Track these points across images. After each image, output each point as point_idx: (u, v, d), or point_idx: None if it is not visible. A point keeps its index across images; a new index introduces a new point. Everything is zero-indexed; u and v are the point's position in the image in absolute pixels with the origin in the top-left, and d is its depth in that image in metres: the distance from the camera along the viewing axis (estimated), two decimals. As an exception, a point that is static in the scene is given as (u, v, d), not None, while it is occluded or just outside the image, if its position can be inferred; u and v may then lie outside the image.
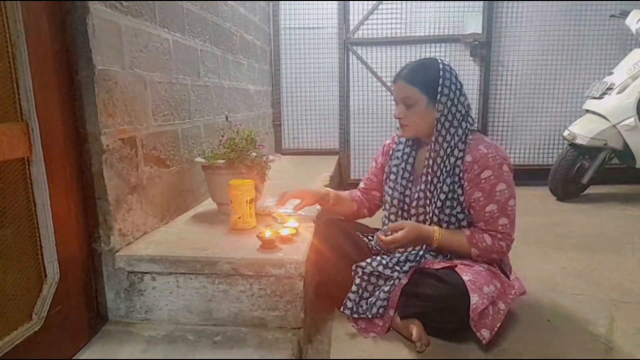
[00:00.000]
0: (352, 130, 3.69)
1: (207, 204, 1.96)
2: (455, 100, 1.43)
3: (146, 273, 1.32)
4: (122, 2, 1.34)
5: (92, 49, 1.19)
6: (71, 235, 1.19)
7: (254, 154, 1.69)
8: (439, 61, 1.45)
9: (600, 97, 3.01)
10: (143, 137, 1.48)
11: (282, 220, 1.66)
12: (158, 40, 1.58)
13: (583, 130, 3.00)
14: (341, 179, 3.64)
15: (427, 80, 1.43)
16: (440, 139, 1.44)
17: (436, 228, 1.45)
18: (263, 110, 3.29)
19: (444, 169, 1.44)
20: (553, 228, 2.58)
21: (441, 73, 1.42)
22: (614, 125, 2.93)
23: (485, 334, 1.27)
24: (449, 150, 1.43)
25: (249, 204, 1.58)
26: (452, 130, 1.43)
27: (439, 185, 1.45)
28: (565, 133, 3.10)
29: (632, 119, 2.90)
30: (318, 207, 1.89)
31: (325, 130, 3.74)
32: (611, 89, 2.97)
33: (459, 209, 1.45)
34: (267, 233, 1.41)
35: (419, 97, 1.43)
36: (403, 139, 1.61)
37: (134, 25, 1.41)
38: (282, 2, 3.52)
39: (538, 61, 3.49)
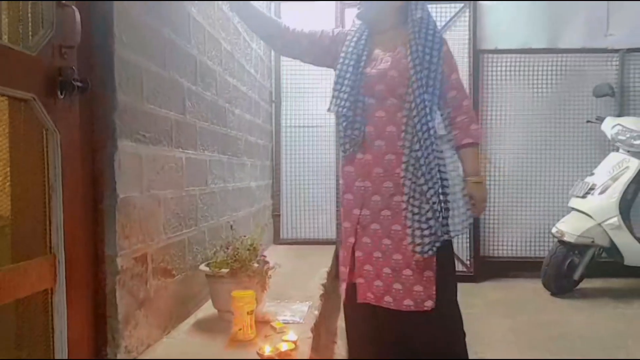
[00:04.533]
0: (348, 222, 3.81)
1: (207, 308, 2.00)
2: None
3: (149, 392, 1.35)
4: (145, 134, 1.50)
5: (117, 181, 1.33)
6: (82, 355, 1.25)
7: (256, 264, 1.79)
8: None
9: (584, 196, 3.18)
10: (154, 252, 1.58)
11: (280, 330, 1.71)
12: (173, 160, 1.73)
13: (570, 228, 3.13)
14: (337, 271, 3.69)
15: None
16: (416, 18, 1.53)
17: (470, 178, 1.60)
18: (263, 203, 3.43)
19: (424, 46, 1.49)
20: (548, 329, 2.61)
21: None
22: (599, 224, 3.07)
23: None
24: (429, 31, 1.52)
25: (250, 315, 1.64)
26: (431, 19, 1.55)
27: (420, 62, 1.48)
28: (554, 230, 3.23)
29: (615, 219, 3.04)
30: (316, 312, 1.95)
31: (323, 221, 3.86)
32: (593, 189, 3.15)
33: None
34: (267, 349, 1.46)
35: None
36: (356, 30, 1.62)
37: (153, 152, 1.57)
38: (284, 103, 3.80)
39: (524, 158, 3.71)
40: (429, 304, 1.50)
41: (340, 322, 2.68)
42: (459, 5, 3.67)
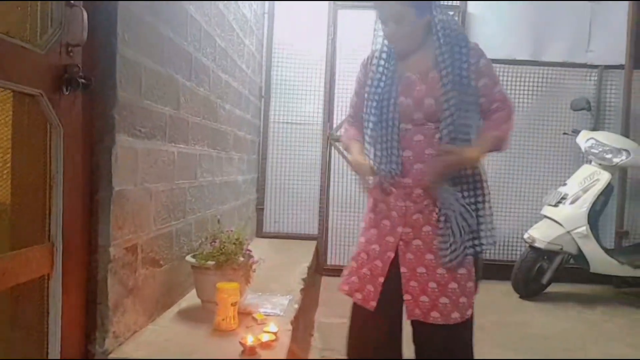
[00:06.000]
0: (330, 218, 3.91)
1: (191, 298, 2.07)
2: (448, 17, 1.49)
3: (135, 375, 1.42)
4: (141, 129, 1.56)
5: (113, 173, 1.39)
6: (74, 339, 1.31)
7: (242, 258, 1.86)
8: None
9: (555, 205, 3.33)
10: (144, 242, 1.64)
11: (261, 322, 1.79)
12: (165, 154, 1.79)
13: (541, 234, 3.28)
14: (318, 265, 3.79)
15: None
16: (442, 36, 1.46)
17: (474, 148, 1.48)
18: (248, 197, 3.49)
19: (453, 66, 1.45)
20: (515, 329, 2.75)
21: None
22: (569, 232, 3.23)
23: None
24: (455, 47, 1.46)
25: (233, 306, 1.72)
26: (454, 25, 1.49)
27: (449, 84, 1.44)
28: (525, 236, 3.38)
29: (584, 228, 3.20)
30: (296, 306, 2.03)
31: (305, 216, 3.94)
32: (565, 198, 3.31)
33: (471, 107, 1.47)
34: (249, 339, 1.54)
35: (409, 12, 1.44)
36: (380, 51, 1.56)
37: (147, 146, 1.62)
38: (273, 98, 3.86)
39: (501, 165, 3.85)
40: (469, 313, 1.51)
41: (318, 316, 2.79)
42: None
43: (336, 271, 3.72)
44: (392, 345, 1.59)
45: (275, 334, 1.67)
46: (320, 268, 3.82)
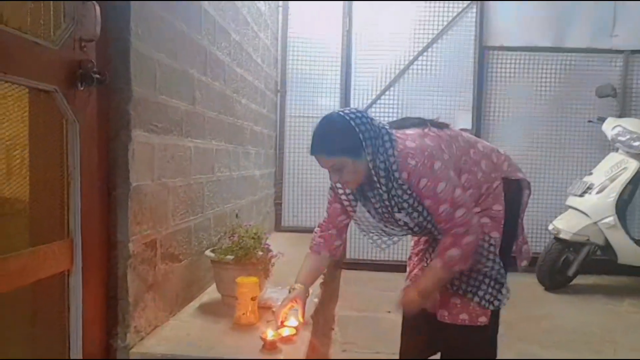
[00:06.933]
0: (349, 212, 3.87)
1: (211, 292, 2.07)
2: (379, 141, 1.43)
3: (157, 370, 1.43)
4: (157, 124, 1.55)
5: (130, 169, 1.38)
6: (95, 335, 1.32)
7: (260, 253, 1.85)
8: (347, 118, 1.43)
9: (581, 195, 3.23)
10: (162, 238, 1.64)
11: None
12: (182, 149, 1.79)
13: (566, 225, 3.19)
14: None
15: (349, 145, 1.41)
16: (381, 180, 1.45)
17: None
18: (266, 191, 3.49)
19: (393, 202, 1.48)
20: (539, 322, 2.69)
21: (357, 130, 1.41)
22: (595, 223, 3.13)
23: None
24: (389, 185, 1.45)
25: (253, 301, 1.71)
26: (382, 166, 1.43)
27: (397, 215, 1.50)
28: (550, 227, 3.29)
29: (611, 218, 3.11)
30: (315, 300, 2.02)
31: (323, 210, 3.90)
32: (591, 188, 3.21)
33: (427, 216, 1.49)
34: (269, 334, 1.53)
35: (346, 161, 1.43)
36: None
37: (164, 141, 1.62)
38: (289, 93, 3.84)
39: (524, 155, 3.75)
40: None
41: (338, 310, 2.78)
42: (466, 2, 3.68)
43: (355, 265, 3.71)
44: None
45: (295, 328, 1.66)
46: (339, 262, 3.80)
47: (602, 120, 3.41)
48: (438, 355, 1.71)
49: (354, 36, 3.77)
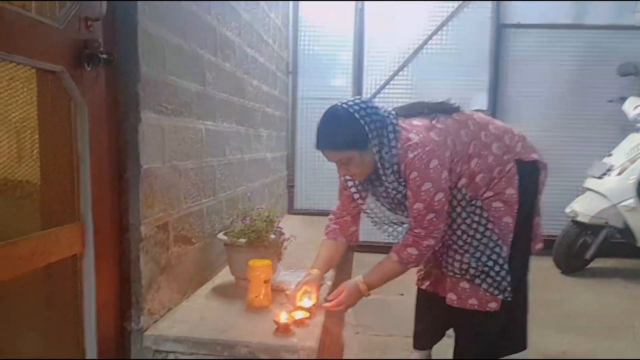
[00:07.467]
0: (362, 195, 3.84)
1: (224, 275, 2.07)
2: (384, 131, 1.43)
3: (170, 352, 1.43)
4: (167, 106, 1.53)
5: (140, 151, 1.36)
6: (109, 317, 1.32)
7: (273, 235, 1.84)
8: (352, 110, 1.42)
9: (600, 177, 3.15)
10: (174, 220, 1.63)
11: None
12: (193, 132, 1.76)
13: (584, 208, 3.12)
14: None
15: (355, 139, 1.42)
16: (386, 172, 1.46)
17: (358, 277, 1.61)
18: (279, 174, 3.47)
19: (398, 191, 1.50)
20: (556, 306, 2.65)
21: (362, 122, 1.40)
22: (615, 205, 3.05)
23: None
24: (393, 176, 1.47)
25: (266, 284, 1.70)
26: (387, 157, 1.44)
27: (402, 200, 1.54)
28: (567, 210, 3.22)
29: (632, 200, 3.02)
30: (329, 282, 2.01)
31: (336, 193, 3.88)
32: (610, 170, 3.12)
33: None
34: (283, 316, 1.52)
35: (353, 154, 1.44)
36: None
37: (174, 123, 1.59)
38: (301, 74, 3.78)
39: (541, 137, 3.65)
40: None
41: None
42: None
43: (368, 247, 3.69)
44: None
45: (309, 310, 1.65)
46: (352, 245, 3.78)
47: (623, 99, 3.30)
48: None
49: (366, 15, 3.68)
